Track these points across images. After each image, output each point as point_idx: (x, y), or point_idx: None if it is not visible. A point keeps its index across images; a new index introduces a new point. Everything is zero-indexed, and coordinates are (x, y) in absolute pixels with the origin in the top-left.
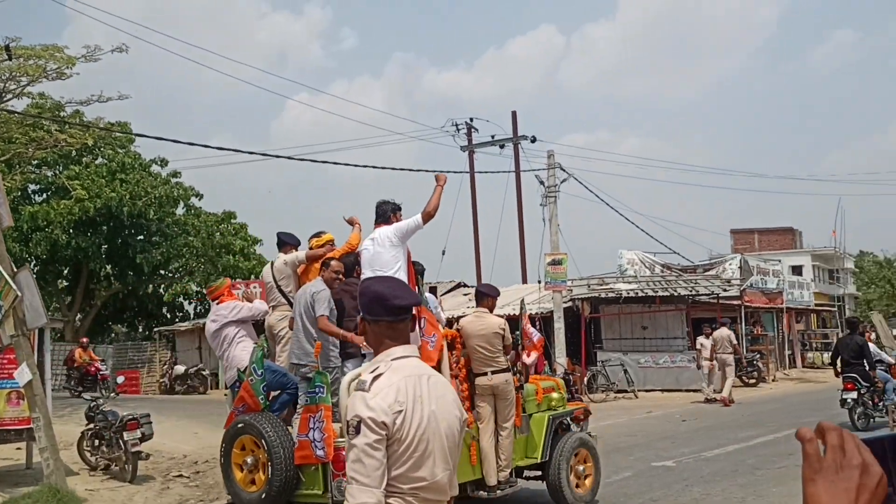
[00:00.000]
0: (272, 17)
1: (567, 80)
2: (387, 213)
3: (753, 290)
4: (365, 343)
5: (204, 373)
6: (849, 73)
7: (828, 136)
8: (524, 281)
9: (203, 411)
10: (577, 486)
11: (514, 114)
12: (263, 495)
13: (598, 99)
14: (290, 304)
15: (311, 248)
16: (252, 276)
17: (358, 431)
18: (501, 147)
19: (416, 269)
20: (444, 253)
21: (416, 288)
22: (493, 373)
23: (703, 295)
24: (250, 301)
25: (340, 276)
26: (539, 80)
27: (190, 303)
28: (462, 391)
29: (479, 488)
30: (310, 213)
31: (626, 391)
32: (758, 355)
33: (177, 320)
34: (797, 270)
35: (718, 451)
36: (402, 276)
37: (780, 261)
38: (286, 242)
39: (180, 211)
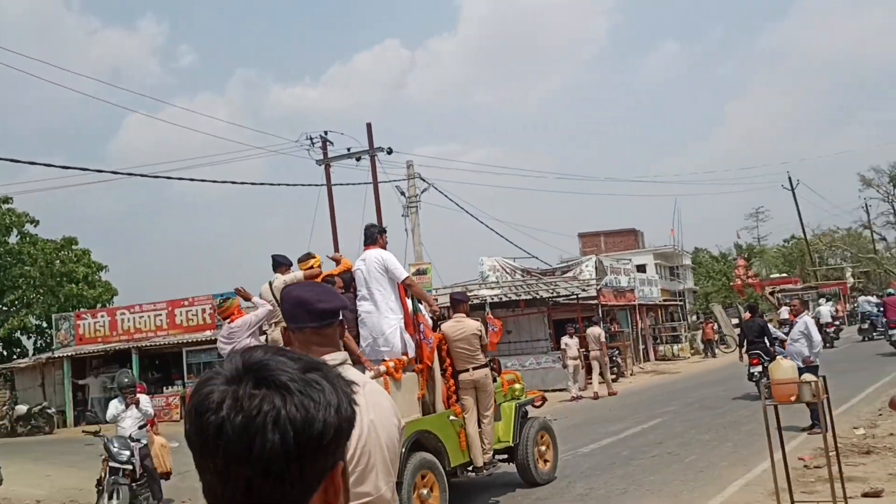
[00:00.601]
0: (104, 32)
1: (414, 93)
2: (374, 235)
3: (608, 289)
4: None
5: (49, 411)
6: (677, 81)
7: (662, 140)
8: None
9: (53, 451)
10: (539, 464)
11: (369, 126)
12: None
13: (445, 111)
14: None
15: (301, 270)
16: (98, 305)
17: None
18: (358, 160)
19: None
20: None
21: (406, 300)
22: (473, 369)
23: (563, 296)
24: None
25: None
26: (387, 94)
27: (29, 337)
28: (449, 386)
29: (468, 469)
30: (154, 235)
31: None
32: (616, 351)
33: (14, 357)
34: (641, 269)
35: (593, 445)
36: (394, 293)
37: (630, 260)
38: (282, 263)
39: (14, 239)
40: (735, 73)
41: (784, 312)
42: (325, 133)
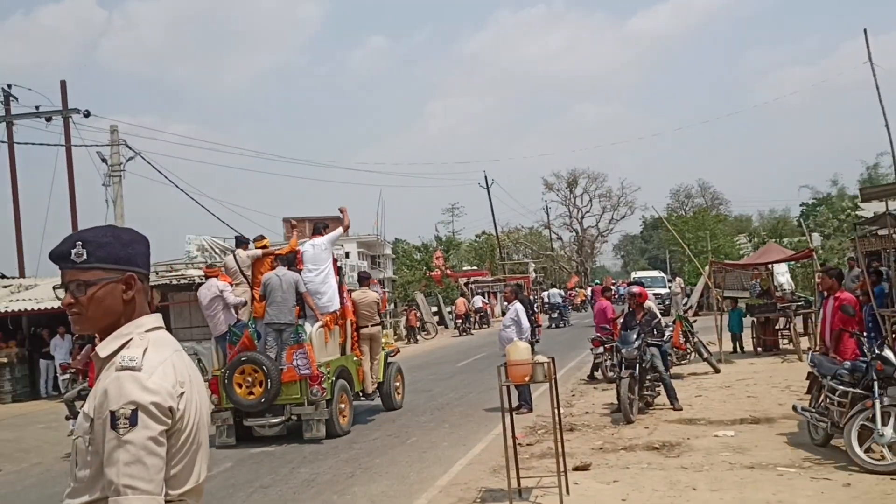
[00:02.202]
0: None
1: (109, 58)
2: (320, 228)
3: None
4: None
5: None
6: (384, 74)
7: (367, 131)
8: None
9: None
10: (396, 396)
11: (63, 84)
12: (263, 400)
13: (142, 81)
14: (248, 284)
15: (260, 248)
16: None
17: (134, 423)
18: (48, 120)
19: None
20: None
21: (338, 277)
22: (371, 326)
23: None
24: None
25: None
26: (77, 55)
27: None
28: (353, 337)
29: (362, 395)
30: None
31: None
32: None
33: None
34: (346, 256)
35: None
36: (332, 271)
37: (342, 245)
38: (244, 241)
39: None
40: (436, 74)
41: (478, 301)
42: (9, 87)
